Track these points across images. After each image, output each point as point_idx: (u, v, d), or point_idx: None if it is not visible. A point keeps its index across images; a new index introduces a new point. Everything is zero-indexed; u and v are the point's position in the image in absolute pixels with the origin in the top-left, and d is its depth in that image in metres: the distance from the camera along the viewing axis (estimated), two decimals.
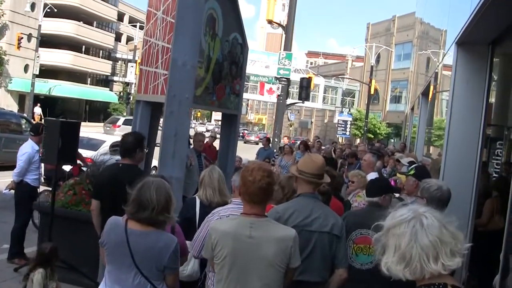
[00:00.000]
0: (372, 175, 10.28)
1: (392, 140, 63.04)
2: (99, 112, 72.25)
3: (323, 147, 21.60)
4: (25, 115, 34.62)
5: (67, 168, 10.58)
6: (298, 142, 21.70)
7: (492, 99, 10.57)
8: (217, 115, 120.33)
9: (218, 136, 14.25)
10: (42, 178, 10.19)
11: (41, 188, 10.38)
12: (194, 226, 5.91)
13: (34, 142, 9.78)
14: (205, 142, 13.73)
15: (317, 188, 5.19)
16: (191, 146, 12.01)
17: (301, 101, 29.85)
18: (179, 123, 8.03)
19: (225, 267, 4.07)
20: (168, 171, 7.88)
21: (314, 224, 4.81)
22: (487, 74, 6.49)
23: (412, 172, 6.71)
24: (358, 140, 60.15)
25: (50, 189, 9.30)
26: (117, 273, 4.21)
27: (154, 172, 11.25)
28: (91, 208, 6.71)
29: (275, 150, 20.60)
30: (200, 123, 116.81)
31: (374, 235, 2.78)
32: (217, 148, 13.03)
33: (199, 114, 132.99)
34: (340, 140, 64.05)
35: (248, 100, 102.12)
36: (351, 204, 8.34)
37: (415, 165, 7.57)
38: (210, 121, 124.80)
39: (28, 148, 9.79)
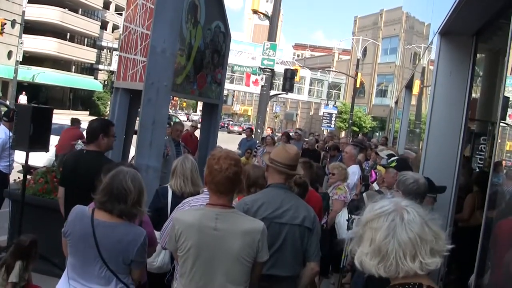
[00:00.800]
0: (353, 168, 10.24)
1: (377, 134, 63.23)
2: (83, 100, 71.75)
3: (305, 139, 21.59)
4: (6, 102, 34.23)
5: None
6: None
7: (477, 94, 10.54)
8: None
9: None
10: (13, 165, 9.98)
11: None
12: (165, 216, 5.77)
13: (7, 128, 9.58)
14: (185, 131, 13.60)
15: (290, 180, 5.07)
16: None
17: (284, 92, 29.80)
18: (157, 111, 7.89)
19: (189, 259, 3.90)
20: (145, 160, 7.77)
21: (285, 216, 4.65)
22: (470, 66, 6.40)
23: (393, 164, 6.62)
24: (343, 133, 60.27)
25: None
26: (80, 266, 4.04)
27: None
28: (57, 195, 6.61)
29: (257, 141, 20.51)
30: (186, 113, 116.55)
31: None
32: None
33: (184, 104, 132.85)
34: (324, 133, 64.27)
35: (233, 91, 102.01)
36: (331, 196, 8.29)
37: (396, 157, 7.48)
38: (196, 111, 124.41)
39: (1, 134, 9.60)
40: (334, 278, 9.05)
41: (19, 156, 8.48)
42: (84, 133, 6.98)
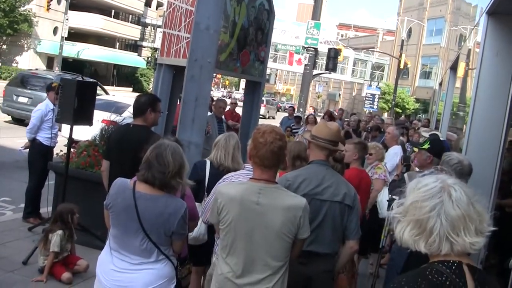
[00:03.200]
0: (395, 149, 10.20)
1: (420, 116, 62.50)
2: (126, 77, 72.43)
3: (346, 119, 21.49)
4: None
5: None
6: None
7: None
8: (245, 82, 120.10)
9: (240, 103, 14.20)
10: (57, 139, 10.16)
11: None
12: (203, 188, 5.89)
13: (50, 101, 9.76)
14: (227, 109, 13.66)
15: (331, 156, 5.08)
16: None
17: (327, 72, 29.66)
18: (200, 88, 7.95)
19: (230, 233, 3.95)
20: (187, 136, 7.85)
21: (326, 193, 4.67)
22: None
23: (426, 145, 6.52)
24: (385, 114, 59.72)
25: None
26: (122, 237, 4.12)
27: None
28: (101, 169, 6.73)
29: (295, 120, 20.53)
30: (229, 91, 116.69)
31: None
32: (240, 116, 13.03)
33: (227, 82, 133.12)
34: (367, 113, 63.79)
35: (276, 70, 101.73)
36: (370, 176, 8.28)
37: (430, 138, 7.37)
38: (238, 90, 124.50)
39: (42, 106, 9.78)
40: (372, 258, 9.05)
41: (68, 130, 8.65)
42: None
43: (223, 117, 12.17)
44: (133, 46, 78.09)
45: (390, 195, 7.39)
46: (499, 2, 5.94)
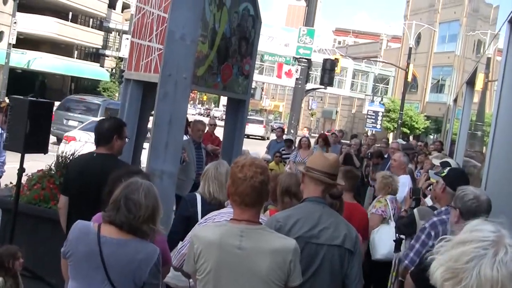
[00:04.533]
0: (403, 178, 10.22)
1: (431, 136, 62.78)
2: (87, 91, 72.31)
3: (346, 141, 21.52)
4: None
5: None
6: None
7: None
8: (226, 100, 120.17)
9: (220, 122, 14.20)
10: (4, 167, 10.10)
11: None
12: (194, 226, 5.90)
13: None
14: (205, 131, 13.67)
15: (328, 192, 5.10)
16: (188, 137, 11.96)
17: (323, 87, 29.80)
18: (174, 107, 7.98)
19: (209, 284, 3.95)
20: (159, 164, 7.87)
21: (323, 236, 4.66)
22: None
23: (443, 174, 6.56)
24: (391, 135, 59.96)
25: None
26: None
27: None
28: (58, 205, 6.69)
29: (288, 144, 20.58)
30: (207, 109, 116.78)
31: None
32: (221, 139, 13.03)
33: (205, 97, 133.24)
34: (369, 134, 63.98)
35: (263, 83, 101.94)
36: (369, 210, 8.37)
37: (449, 167, 7.41)
38: (218, 106, 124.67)
39: None
40: None
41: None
42: None
43: (201, 142, 12.18)
44: (95, 55, 78.16)
45: (398, 235, 7.43)
46: None
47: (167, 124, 7.92)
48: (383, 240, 8.21)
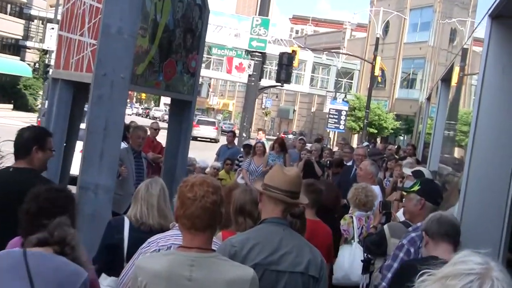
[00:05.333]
0: (377, 189, 10.26)
1: (402, 137, 63.49)
2: (5, 89, 71.37)
3: (311, 147, 21.17)
4: None
5: None
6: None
7: None
8: (167, 98, 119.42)
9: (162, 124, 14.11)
10: None
11: None
12: (121, 256, 5.85)
13: None
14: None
15: (290, 212, 5.11)
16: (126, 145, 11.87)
17: (279, 85, 29.83)
18: (110, 112, 7.93)
19: None
20: (93, 177, 7.81)
21: (284, 262, 4.66)
22: None
23: (416, 187, 6.63)
24: (355, 137, 60.45)
25: None
26: None
27: None
28: None
29: (242, 149, 20.56)
30: (145, 108, 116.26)
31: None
32: (163, 145, 12.97)
33: (143, 96, 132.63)
34: (331, 136, 64.39)
35: (210, 79, 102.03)
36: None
37: (420, 178, 7.49)
38: (158, 105, 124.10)
39: None
40: None
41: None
42: None
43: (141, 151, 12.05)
44: (14, 47, 77.23)
45: (366, 255, 7.49)
46: (506, 2, 6.07)
47: (102, 130, 7.87)
48: (339, 263, 8.32)
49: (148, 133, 14.54)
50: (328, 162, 16.40)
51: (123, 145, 11.02)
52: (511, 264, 6.92)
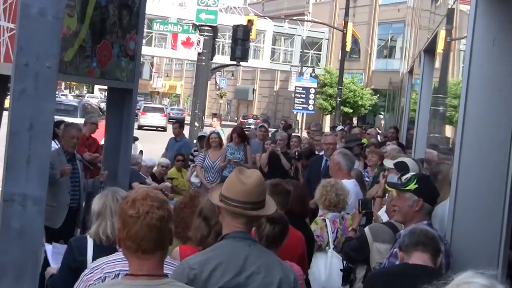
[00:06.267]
0: (349, 184, 10.25)
1: (382, 116, 63.74)
2: None
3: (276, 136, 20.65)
4: None
5: None
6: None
7: None
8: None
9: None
10: None
11: None
12: None
13: None
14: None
15: (255, 223, 5.12)
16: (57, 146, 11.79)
17: (235, 63, 29.76)
18: (37, 108, 7.83)
19: None
20: (20, 187, 7.71)
21: (252, 284, 4.69)
22: None
23: (412, 185, 6.64)
24: (327, 118, 60.67)
25: None
26: None
27: None
28: None
29: (195, 141, 20.49)
30: (77, 96, 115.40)
31: None
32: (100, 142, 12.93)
33: (74, 82, 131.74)
34: (299, 119, 64.53)
35: (152, 58, 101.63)
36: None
37: (415, 173, 7.50)
38: (92, 92, 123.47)
39: None
40: None
41: None
42: None
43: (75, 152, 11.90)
44: None
45: (346, 263, 7.54)
46: None
47: (27, 131, 7.77)
48: (314, 274, 8.34)
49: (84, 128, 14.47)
50: (296, 153, 16.05)
51: (53, 145, 10.93)
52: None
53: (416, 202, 6.44)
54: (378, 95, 63.98)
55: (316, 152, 15.89)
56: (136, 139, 25.12)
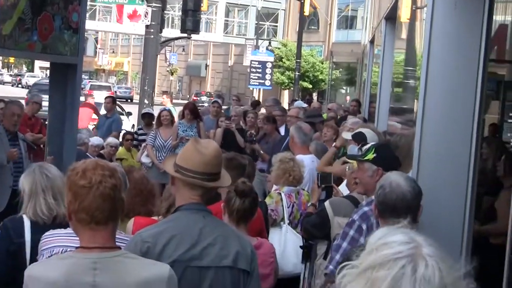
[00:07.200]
0: (306, 160, 10.39)
1: (344, 91, 63.94)
2: None
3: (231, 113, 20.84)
4: None
5: None
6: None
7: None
8: (44, 62, 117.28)
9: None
10: None
11: None
12: (22, 263, 5.69)
13: None
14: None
15: (210, 195, 5.21)
16: None
17: (186, 36, 29.72)
18: None
19: None
20: None
21: (207, 256, 4.78)
22: None
23: (370, 155, 6.75)
24: (286, 94, 60.74)
25: None
26: None
27: None
28: None
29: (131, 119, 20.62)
30: (16, 75, 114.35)
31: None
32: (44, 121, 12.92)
33: (11, 60, 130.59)
34: (255, 95, 64.48)
35: (97, 32, 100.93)
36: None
37: (374, 143, 7.62)
38: (33, 71, 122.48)
39: None
40: None
41: None
42: None
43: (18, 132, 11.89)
44: None
45: (305, 240, 7.64)
46: None
47: None
48: None
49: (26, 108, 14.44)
50: (251, 136, 15.97)
51: None
52: (479, 235, 7.21)
53: (375, 172, 6.50)
54: (339, 69, 64.08)
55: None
56: (130, 114, 25.13)
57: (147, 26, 25.82)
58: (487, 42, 6.70)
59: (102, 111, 22.15)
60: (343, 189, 8.49)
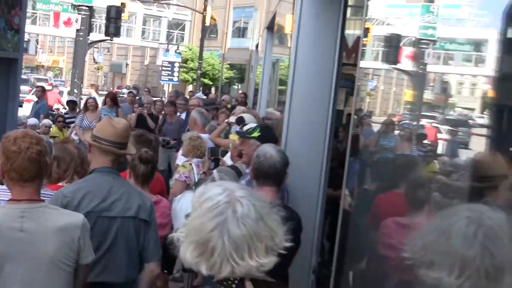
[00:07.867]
0: (205, 137, 10.55)
1: (236, 87, 64.16)
2: None
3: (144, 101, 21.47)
4: None
5: None
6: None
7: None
8: None
9: None
10: None
11: None
12: None
13: None
14: None
15: (119, 162, 5.32)
16: None
17: (109, 38, 29.55)
18: None
19: None
20: None
21: (115, 208, 4.94)
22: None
23: (256, 133, 6.90)
24: (189, 88, 60.66)
25: None
26: None
27: None
28: None
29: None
30: None
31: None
32: None
33: None
34: (165, 89, 64.33)
35: (37, 35, 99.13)
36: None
37: (259, 124, 7.79)
38: None
39: None
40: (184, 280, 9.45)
41: None
42: None
43: None
44: None
45: None
46: None
47: None
48: (185, 209, 8.46)
49: None
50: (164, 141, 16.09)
51: None
52: (330, 199, 7.40)
53: (258, 146, 6.51)
54: (233, 69, 64.19)
55: (178, 114, 16.09)
56: None
57: (77, 30, 25.74)
58: (340, 48, 6.86)
59: (34, 98, 22.32)
60: (227, 160, 8.67)
